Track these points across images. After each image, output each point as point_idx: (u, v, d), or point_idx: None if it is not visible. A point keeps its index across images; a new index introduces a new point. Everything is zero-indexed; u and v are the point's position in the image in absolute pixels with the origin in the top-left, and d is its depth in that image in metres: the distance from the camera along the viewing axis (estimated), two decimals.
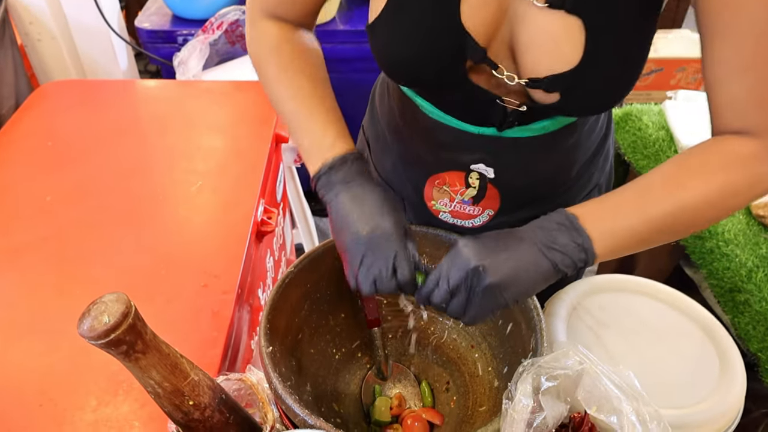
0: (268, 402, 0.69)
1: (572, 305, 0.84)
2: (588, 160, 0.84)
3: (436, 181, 0.81)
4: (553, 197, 0.83)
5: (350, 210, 0.66)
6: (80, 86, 1.46)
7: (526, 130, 0.74)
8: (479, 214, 0.82)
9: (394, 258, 0.64)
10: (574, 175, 0.83)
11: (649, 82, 2.37)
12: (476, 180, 0.78)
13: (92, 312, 0.53)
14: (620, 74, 0.65)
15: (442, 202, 0.82)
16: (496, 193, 0.79)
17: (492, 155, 0.76)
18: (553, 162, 0.80)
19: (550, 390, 0.62)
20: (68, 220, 1.06)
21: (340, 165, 0.68)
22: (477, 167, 0.77)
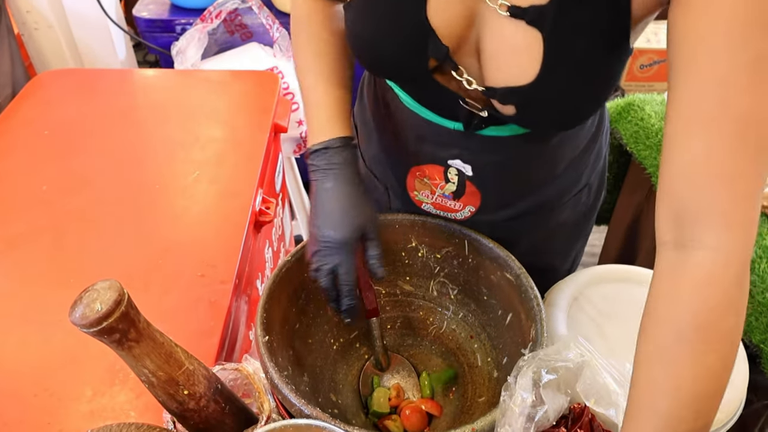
0: (264, 392, 0.68)
1: (573, 295, 0.83)
2: (576, 159, 0.80)
3: (417, 173, 0.80)
4: (537, 196, 0.81)
5: (319, 202, 0.71)
6: (77, 75, 1.45)
7: (500, 129, 0.72)
8: (460, 209, 0.80)
9: (337, 265, 0.70)
10: (560, 174, 0.80)
11: (651, 73, 2.35)
12: (455, 176, 0.77)
13: (84, 300, 0.52)
14: (580, 95, 0.62)
15: (424, 194, 0.81)
16: (476, 190, 0.77)
17: (468, 152, 0.74)
18: (534, 161, 0.77)
19: (551, 383, 0.61)
20: (64, 210, 1.05)
21: (323, 151, 0.70)
22: (454, 163, 0.75)
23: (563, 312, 0.80)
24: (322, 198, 0.71)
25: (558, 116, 0.65)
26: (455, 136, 0.73)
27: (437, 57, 0.64)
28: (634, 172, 1.37)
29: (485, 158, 0.74)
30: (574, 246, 0.95)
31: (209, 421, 0.62)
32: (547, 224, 0.85)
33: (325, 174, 0.71)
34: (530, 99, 0.62)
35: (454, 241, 0.82)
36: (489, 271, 0.80)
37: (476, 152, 0.74)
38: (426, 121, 0.74)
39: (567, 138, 0.77)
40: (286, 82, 1.62)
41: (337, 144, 0.71)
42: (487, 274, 0.80)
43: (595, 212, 0.92)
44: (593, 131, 0.81)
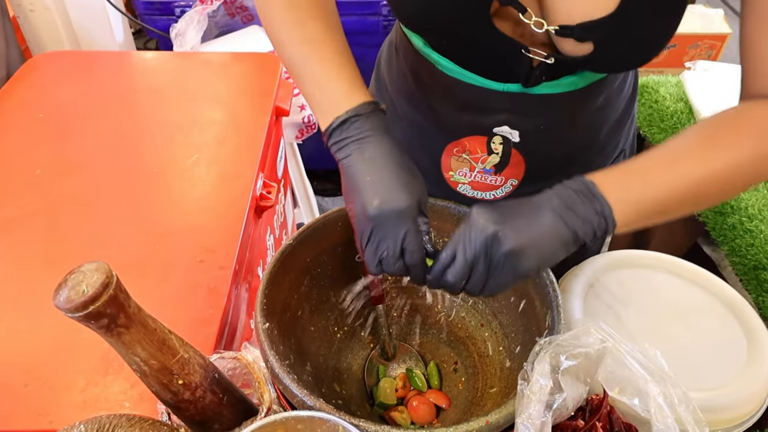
0: (264, 382, 0.65)
1: (589, 282, 0.79)
2: (615, 124, 0.78)
3: (455, 149, 0.75)
4: (580, 164, 0.77)
5: (361, 176, 0.58)
6: (73, 57, 1.41)
7: (553, 86, 0.68)
8: (502, 184, 0.76)
9: (403, 238, 0.57)
10: (602, 139, 0.78)
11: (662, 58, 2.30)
12: (499, 145, 0.72)
13: (69, 282, 0.48)
14: (658, 25, 0.60)
15: (461, 173, 0.76)
16: (521, 159, 0.74)
17: (517, 116, 0.70)
18: (581, 123, 0.75)
19: (570, 370, 0.57)
20: (59, 194, 1.01)
21: (354, 119, 0.59)
22: (500, 130, 0.71)
23: (579, 299, 0.76)
24: (361, 170, 0.58)
25: (635, 51, 0.62)
26: (504, 98, 0.69)
27: (501, 1, 0.60)
28: None
29: (534, 121, 0.71)
30: None
31: (206, 412, 0.59)
32: None
33: (361, 144, 0.59)
34: (611, 33, 0.58)
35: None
36: None
37: (526, 114, 0.70)
38: (472, 86, 0.70)
39: (611, 98, 0.74)
40: None
41: (369, 109, 0.60)
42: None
43: None
44: (630, 95, 0.79)
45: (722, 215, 1.08)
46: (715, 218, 1.10)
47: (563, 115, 0.71)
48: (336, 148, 0.61)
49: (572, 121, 0.73)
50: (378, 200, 0.56)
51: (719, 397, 0.67)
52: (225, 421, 0.61)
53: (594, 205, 0.57)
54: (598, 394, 0.64)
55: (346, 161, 0.60)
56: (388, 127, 0.61)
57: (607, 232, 0.58)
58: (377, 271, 0.59)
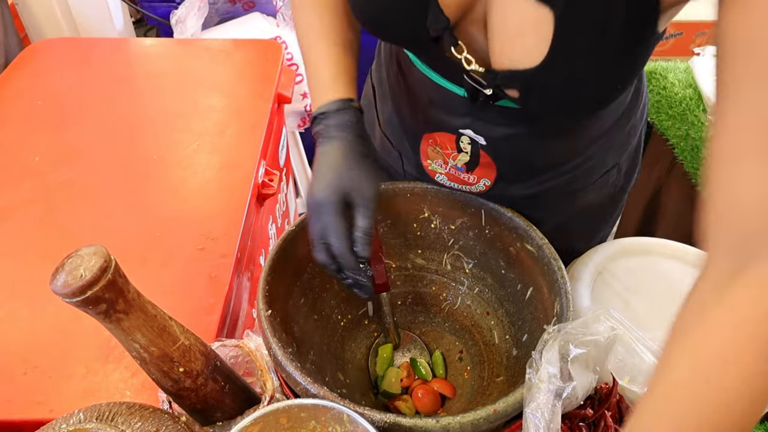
0: (267, 370, 0.64)
1: (597, 269, 0.78)
2: (603, 137, 0.73)
3: (429, 140, 0.74)
4: (558, 174, 0.74)
5: (317, 166, 0.65)
6: (73, 44, 1.39)
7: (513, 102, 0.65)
8: (475, 182, 0.74)
9: (324, 227, 0.62)
10: (583, 152, 0.73)
11: (668, 47, 2.27)
12: (468, 145, 0.70)
13: (67, 266, 0.47)
14: (592, 84, 0.55)
15: (437, 163, 0.75)
16: (491, 161, 0.71)
17: (480, 122, 0.68)
18: (552, 138, 0.71)
19: (579, 358, 0.56)
20: (58, 182, 1.00)
21: (322, 116, 0.66)
22: (466, 132, 0.69)
23: (587, 287, 0.75)
24: (317, 164, 0.66)
25: (566, 105, 0.58)
26: (466, 104, 0.67)
27: (436, 29, 0.58)
28: (655, 144, 1.31)
29: (498, 130, 0.68)
30: (599, 230, 0.88)
31: (207, 400, 0.58)
32: (570, 205, 0.79)
33: (323, 139, 0.66)
34: (534, 85, 0.56)
35: (470, 210, 0.77)
36: (507, 243, 0.75)
37: (489, 123, 0.68)
38: (436, 85, 0.68)
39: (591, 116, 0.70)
40: (289, 52, 1.56)
41: (334, 108, 0.66)
42: (506, 246, 0.75)
43: (624, 195, 0.85)
44: (626, 106, 0.73)
45: None
46: None
47: (528, 129, 0.68)
48: (315, 138, 0.68)
49: (540, 136, 0.69)
50: (312, 191, 0.64)
51: None
52: (227, 410, 0.60)
53: None
54: (607, 383, 0.63)
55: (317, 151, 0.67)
56: (351, 124, 0.66)
57: None
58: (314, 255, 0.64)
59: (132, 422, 0.52)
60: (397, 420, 0.53)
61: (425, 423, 0.53)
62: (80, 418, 0.52)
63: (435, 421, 0.53)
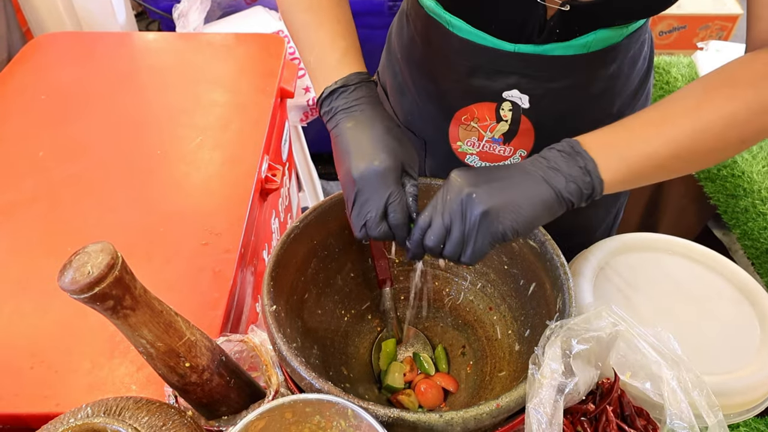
0: (272, 365, 0.64)
1: (599, 265, 0.78)
2: (630, 96, 0.76)
3: (463, 117, 0.74)
4: None
5: (348, 142, 0.59)
6: (76, 38, 1.39)
7: (565, 47, 0.66)
8: (510, 155, 0.74)
9: (387, 200, 0.58)
10: (615, 112, 0.76)
11: (671, 40, 2.26)
12: (509, 112, 0.71)
13: (74, 263, 0.47)
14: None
15: (469, 142, 0.75)
16: (530, 127, 0.72)
17: (527, 79, 0.69)
18: (593, 91, 0.72)
19: (581, 354, 0.56)
20: (62, 177, 1.00)
21: (341, 89, 0.61)
22: (510, 95, 0.70)
23: (589, 282, 0.75)
24: (349, 137, 0.60)
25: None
26: (515, 60, 0.67)
27: None
28: None
29: (545, 85, 0.69)
30: (616, 201, 0.90)
31: (213, 395, 0.58)
32: None
33: (348, 113, 0.60)
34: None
35: None
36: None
37: (536, 77, 0.68)
38: (483, 47, 0.68)
39: (624, 68, 0.72)
40: (292, 46, 1.56)
41: (356, 80, 0.61)
42: (509, 242, 0.75)
43: None
44: (645, 69, 0.77)
45: (734, 198, 1.06)
46: (727, 201, 1.08)
47: (574, 79, 0.69)
48: (326, 118, 0.62)
49: (583, 88, 0.71)
50: (362, 163, 0.58)
51: (731, 381, 0.66)
52: (232, 404, 0.61)
53: (577, 161, 0.55)
54: (608, 378, 0.63)
55: (335, 130, 0.61)
56: (375, 98, 0.62)
57: (595, 190, 0.55)
58: (362, 235, 0.60)
59: (139, 417, 0.52)
60: (401, 415, 0.54)
61: (429, 418, 0.54)
62: (88, 413, 0.52)
63: (438, 416, 0.54)
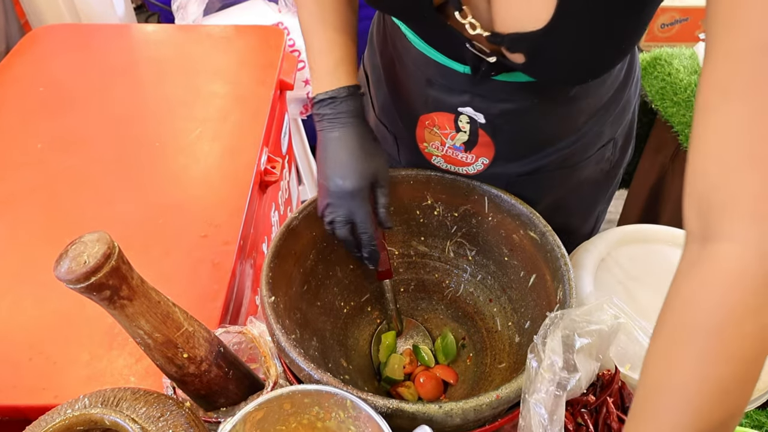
0: (270, 356, 0.64)
1: (600, 256, 0.78)
2: (600, 111, 0.73)
3: (426, 122, 0.74)
4: (556, 150, 0.74)
5: (327, 152, 0.68)
6: (74, 30, 1.38)
7: (514, 75, 0.65)
8: (473, 161, 0.74)
9: (352, 213, 0.67)
10: (580, 127, 0.73)
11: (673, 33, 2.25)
12: (467, 124, 0.71)
13: (70, 253, 0.47)
14: (598, 45, 0.55)
15: (434, 145, 0.75)
16: (489, 140, 0.71)
17: (480, 99, 0.68)
18: (551, 112, 0.70)
19: (583, 348, 0.56)
20: (61, 169, 1.00)
21: (329, 100, 0.67)
22: (465, 110, 0.69)
23: (590, 274, 0.75)
24: (330, 148, 0.68)
25: (572, 68, 0.58)
26: (465, 80, 0.67)
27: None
28: (659, 130, 1.30)
29: (498, 106, 0.68)
30: (595, 206, 0.88)
31: (211, 386, 0.58)
32: (567, 181, 0.79)
33: (332, 123, 0.68)
34: (541, 47, 0.55)
35: (473, 197, 0.77)
36: (511, 230, 0.75)
37: (488, 99, 0.68)
38: (435, 63, 0.68)
39: (589, 87, 0.70)
40: (291, 38, 1.55)
41: (344, 93, 0.67)
42: (509, 233, 0.75)
43: (619, 170, 0.85)
44: (621, 80, 0.73)
45: None
46: None
47: (530, 102, 0.68)
48: (316, 119, 0.70)
49: (540, 110, 0.69)
50: (336, 179, 0.67)
51: None
52: (231, 396, 0.61)
53: None
54: (609, 369, 0.63)
55: (319, 135, 0.69)
56: (359, 111, 0.68)
57: None
58: (329, 229, 0.70)
59: (137, 407, 0.52)
60: (400, 406, 0.54)
61: (428, 409, 0.54)
62: (85, 404, 0.52)
63: (438, 407, 0.54)
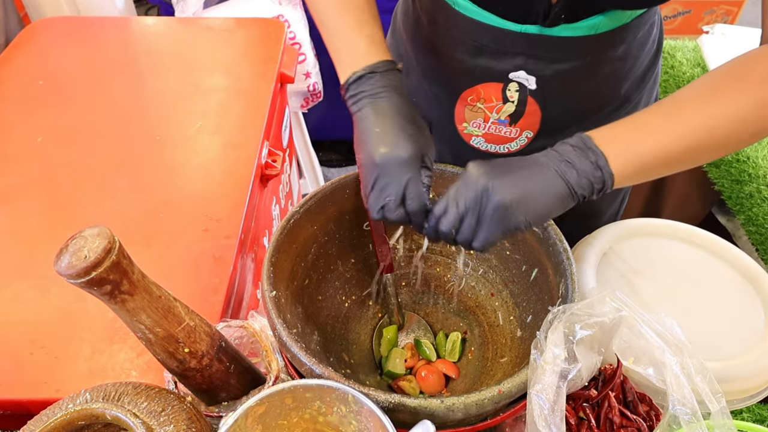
0: (272, 350, 0.64)
1: (602, 250, 0.78)
2: (638, 79, 0.76)
3: (469, 98, 0.73)
4: (599, 119, 0.75)
5: (371, 126, 0.61)
6: (73, 23, 1.37)
7: (573, 28, 0.66)
8: (516, 136, 0.74)
9: (405, 185, 0.60)
10: (622, 95, 0.75)
11: (676, 25, 2.24)
12: (515, 93, 0.71)
13: (71, 247, 0.47)
14: None
15: (475, 124, 0.75)
16: (537, 109, 0.72)
17: (534, 60, 0.68)
18: (601, 73, 0.72)
19: (584, 339, 0.55)
20: (61, 162, 1.00)
21: (369, 75, 0.63)
22: (517, 76, 0.69)
23: (592, 267, 0.75)
24: (371, 122, 0.61)
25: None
26: (522, 40, 0.67)
27: None
28: None
29: (552, 67, 0.69)
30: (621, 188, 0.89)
31: (213, 381, 0.58)
32: None
33: (374, 99, 0.62)
34: None
35: None
36: None
37: (543, 59, 0.68)
38: (488, 27, 0.68)
39: (632, 50, 0.71)
40: (292, 31, 1.54)
41: (383, 68, 0.63)
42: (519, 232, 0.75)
43: None
44: (654, 50, 0.76)
45: (739, 183, 1.05)
46: (731, 187, 1.08)
47: (582, 61, 0.69)
48: (351, 102, 0.64)
49: (591, 70, 0.71)
50: (385, 148, 0.60)
51: (735, 367, 0.66)
52: (232, 390, 0.60)
53: (589, 156, 0.56)
54: (611, 363, 0.63)
55: (359, 114, 0.63)
56: (401, 85, 0.64)
57: (606, 185, 0.57)
58: (379, 216, 0.61)
59: (138, 402, 0.52)
60: (402, 400, 0.53)
61: (429, 403, 0.53)
62: (87, 398, 0.52)
63: (440, 402, 0.53)
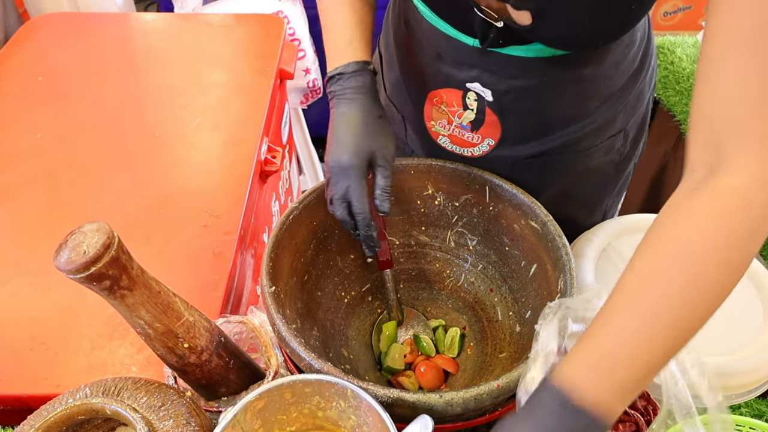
0: (271, 346, 0.64)
1: (601, 246, 0.78)
2: (612, 98, 0.72)
3: (434, 99, 0.74)
4: (564, 134, 0.73)
5: (333, 128, 0.67)
6: (73, 19, 1.37)
7: (525, 49, 0.64)
8: (479, 142, 0.74)
9: (347, 190, 0.65)
10: (591, 113, 0.72)
11: (676, 21, 2.23)
12: (474, 102, 0.71)
13: (70, 242, 0.47)
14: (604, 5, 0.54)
15: (441, 124, 0.75)
16: (496, 120, 0.71)
17: (488, 74, 0.68)
18: (564, 92, 0.69)
19: (578, 334, 0.56)
20: (60, 159, 1.00)
21: (338, 77, 0.67)
22: (473, 86, 0.69)
23: (591, 263, 0.75)
24: (334, 123, 0.67)
25: (579, 30, 0.57)
26: (474, 54, 0.67)
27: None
28: (662, 119, 1.29)
29: (506, 82, 0.68)
30: (602, 199, 0.87)
31: (212, 376, 0.58)
32: (574, 167, 0.78)
33: (340, 99, 0.67)
34: (547, 4, 0.53)
35: (474, 187, 0.76)
36: (512, 220, 0.74)
37: (497, 75, 0.67)
38: (445, 36, 0.68)
39: (602, 71, 0.68)
40: (291, 27, 1.54)
41: (352, 69, 0.67)
42: (510, 223, 0.75)
43: (629, 164, 0.84)
44: (635, 68, 0.72)
45: None
46: None
47: (538, 80, 0.67)
48: (329, 99, 0.69)
49: (551, 89, 0.68)
50: (335, 154, 0.65)
51: (733, 362, 0.66)
52: (232, 385, 0.61)
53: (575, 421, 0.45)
54: None
55: (331, 112, 0.68)
56: (368, 87, 0.67)
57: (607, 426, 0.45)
58: (331, 210, 0.67)
59: (138, 397, 0.52)
60: (401, 395, 0.54)
61: (428, 398, 0.54)
62: (86, 393, 0.52)
63: (438, 396, 0.54)
